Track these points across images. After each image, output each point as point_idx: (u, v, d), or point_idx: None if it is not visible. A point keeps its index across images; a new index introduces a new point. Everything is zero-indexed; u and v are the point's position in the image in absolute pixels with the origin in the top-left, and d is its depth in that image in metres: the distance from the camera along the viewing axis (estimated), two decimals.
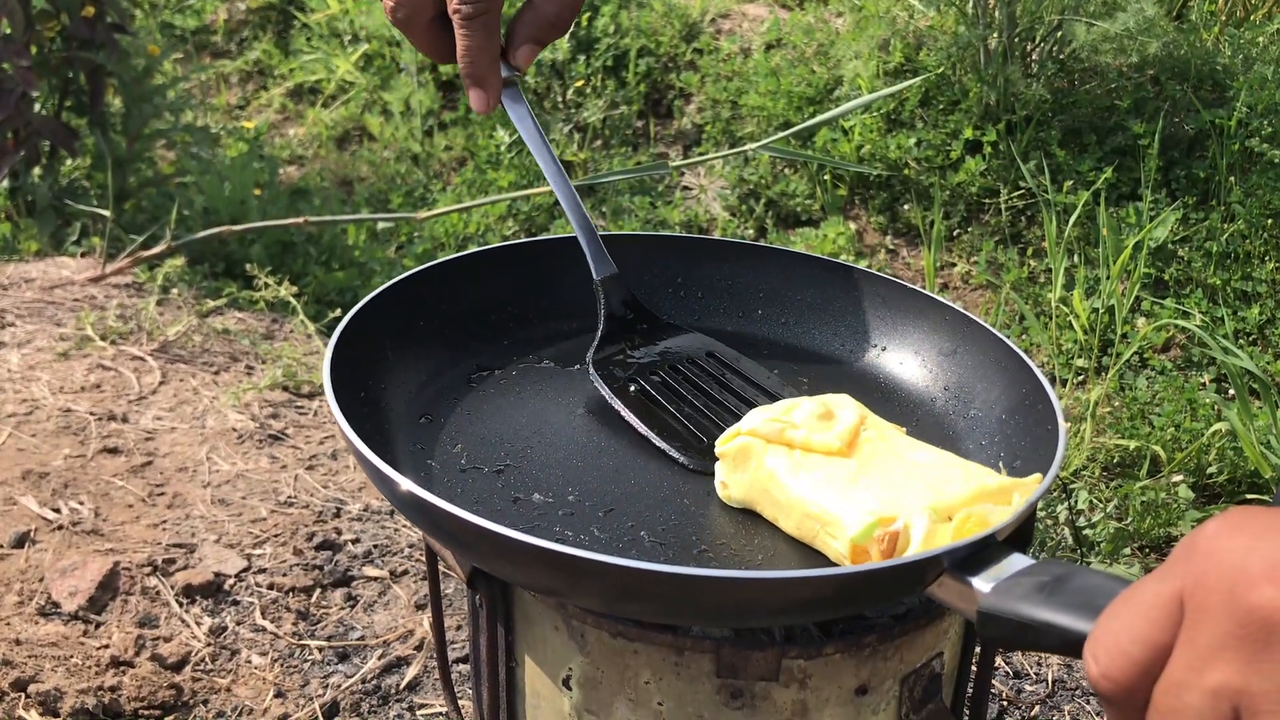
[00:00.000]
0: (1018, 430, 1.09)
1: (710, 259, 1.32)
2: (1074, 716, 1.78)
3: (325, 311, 3.15)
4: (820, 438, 1.01)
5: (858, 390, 1.19)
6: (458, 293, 1.21)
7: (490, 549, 0.88)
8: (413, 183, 4.41)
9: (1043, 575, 0.80)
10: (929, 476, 0.97)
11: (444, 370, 1.17)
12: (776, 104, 4.00)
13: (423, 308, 1.19)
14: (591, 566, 0.83)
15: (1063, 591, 0.76)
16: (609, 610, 0.92)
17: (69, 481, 2.16)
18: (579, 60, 4.50)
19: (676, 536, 0.98)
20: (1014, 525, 0.91)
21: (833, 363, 1.25)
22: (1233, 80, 3.58)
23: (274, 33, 5.39)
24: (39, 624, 1.84)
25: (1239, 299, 3.20)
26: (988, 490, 0.95)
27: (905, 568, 0.85)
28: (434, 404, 1.13)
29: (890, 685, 0.97)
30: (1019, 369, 1.11)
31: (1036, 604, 0.77)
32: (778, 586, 0.83)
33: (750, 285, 1.31)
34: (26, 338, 2.71)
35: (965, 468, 0.99)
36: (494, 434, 1.10)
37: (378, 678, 1.80)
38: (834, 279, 1.29)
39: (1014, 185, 3.62)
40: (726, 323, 1.30)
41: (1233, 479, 2.71)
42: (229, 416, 2.44)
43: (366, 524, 2.13)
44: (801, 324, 1.29)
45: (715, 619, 0.91)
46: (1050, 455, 1.00)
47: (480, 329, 1.23)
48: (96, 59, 3.49)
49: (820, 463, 1.00)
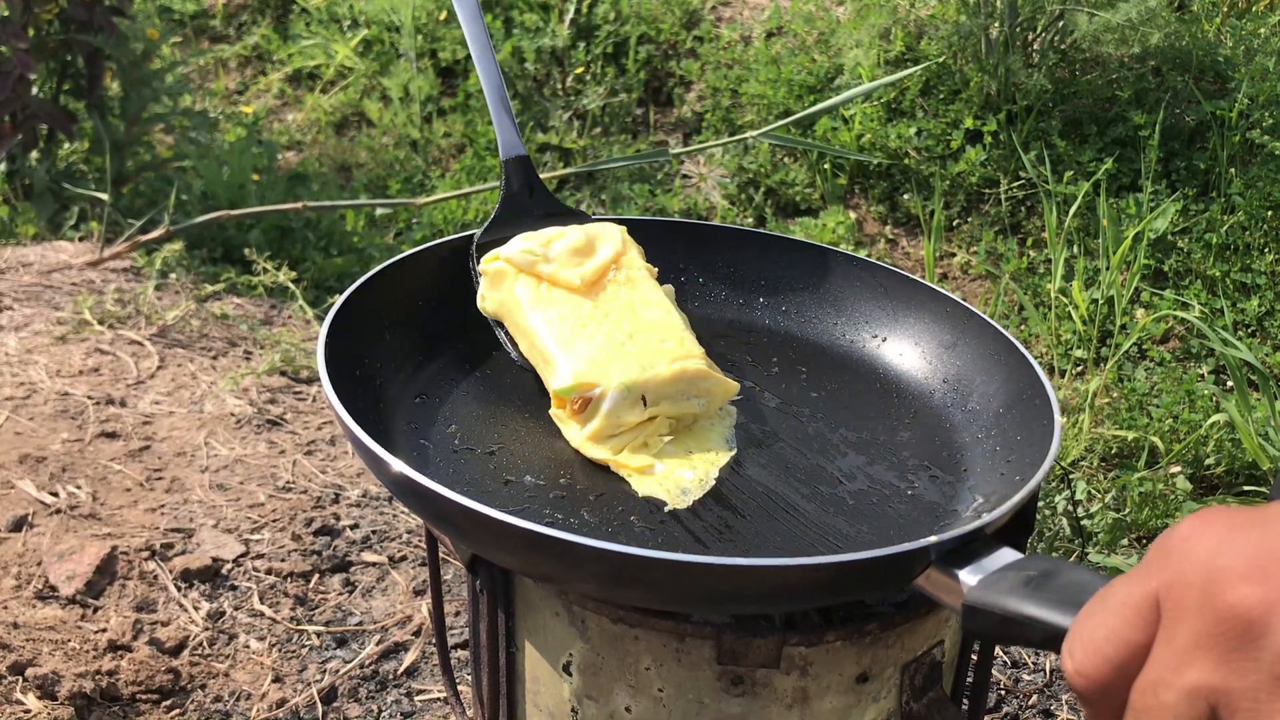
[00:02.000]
0: (1015, 424, 1.08)
1: (713, 245, 1.32)
2: (1071, 706, 1.78)
3: (324, 297, 3.14)
4: (566, 274, 1.08)
5: (856, 380, 1.19)
6: (456, 273, 1.21)
7: (476, 529, 0.88)
8: (411, 169, 4.40)
9: (1030, 570, 0.80)
10: (646, 343, 1.04)
11: (442, 350, 1.17)
12: (777, 92, 3.99)
13: (422, 288, 1.19)
14: (583, 552, 0.83)
15: (1048, 587, 0.77)
16: (601, 596, 0.92)
17: (67, 465, 2.16)
18: (579, 47, 4.48)
19: (664, 521, 0.98)
20: (1005, 518, 0.91)
21: (832, 352, 1.25)
22: (1234, 71, 3.58)
23: (273, 17, 5.37)
24: (36, 608, 1.84)
25: (1238, 290, 3.20)
26: (687, 374, 1.03)
27: (891, 559, 0.85)
28: (430, 384, 1.13)
29: (891, 673, 0.97)
30: (1018, 364, 1.11)
31: (1021, 598, 0.77)
32: (771, 573, 0.83)
33: (752, 272, 1.31)
34: (24, 321, 2.71)
35: (683, 343, 1.05)
36: (489, 415, 1.10)
37: (376, 663, 1.80)
38: (836, 267, 1.28)
39: (1014, 175, 3.62)
40: (726, 310, 1.29)
41: (1230, 470, 2.71)
42: (227, 401, 2.43)
43: (365, 510, 2.13)
44: (803, 313, 1.28)
45: (706, 605, 0.91)
46: (1045, 451, 0.99)
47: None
48: (94, 42, 3.47)
49: (560, 299, 1.07)
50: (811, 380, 1.18)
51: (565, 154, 4.35)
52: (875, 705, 0.98)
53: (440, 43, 4.70)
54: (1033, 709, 1.78)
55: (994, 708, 1.77)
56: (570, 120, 4.39)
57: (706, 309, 1.29)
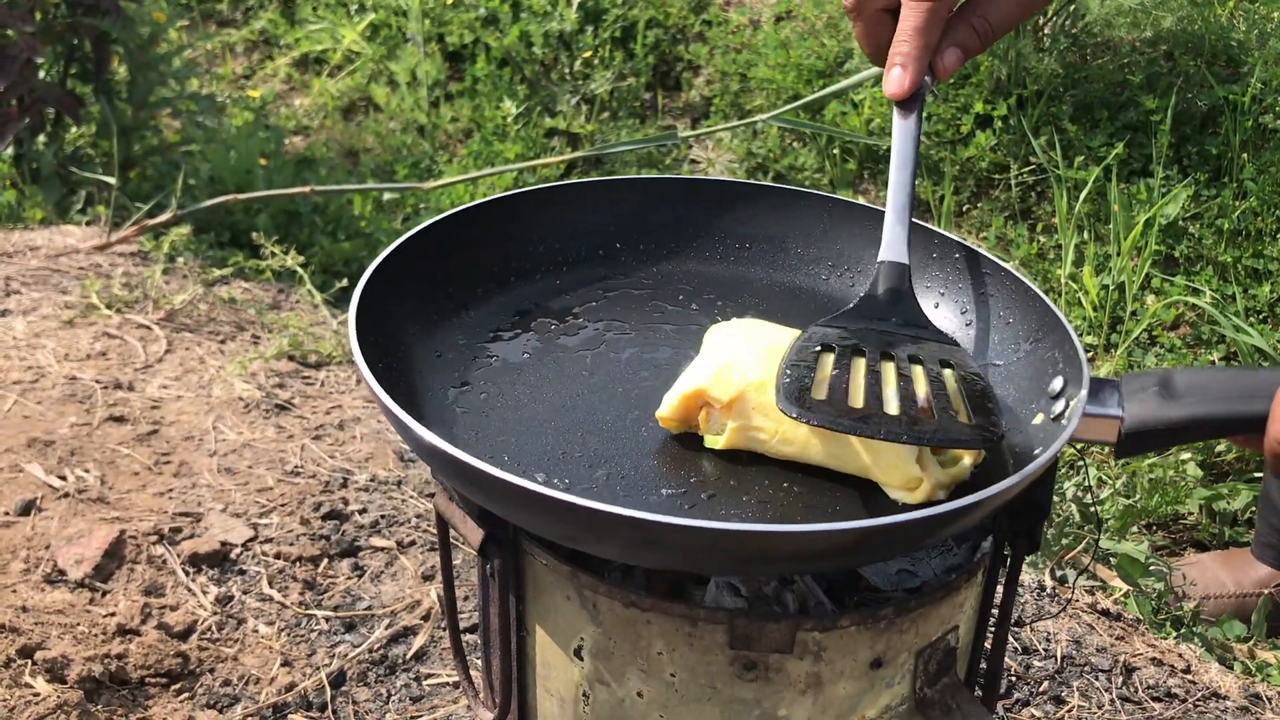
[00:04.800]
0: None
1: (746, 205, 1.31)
2: (1082, 692, 1.78)
3: (331, 281, 3.14)
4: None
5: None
6: (495, 232, 1.21)
7: (513, 501, 0.88)
8: (419, 154, 4.38)
9: (1143, 385, 0.99)
10: None
11: (478, 320, 1.17)
12: (786, 76, 3.97)
13: (459, 248, 1.19)
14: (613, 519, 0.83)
15: (1181, 390, 0.97)
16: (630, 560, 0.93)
17: (75, 449, 2.15)
18: (587, 31, 4.46)
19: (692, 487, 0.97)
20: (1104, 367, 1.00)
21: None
22: (1247, 56, 3.55)
23: (280, 1, 5.35)
24: (45, 591, 1.84)
25: (1250, 276, 3.18)
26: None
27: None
28: (461, 365, 1.12)
29: (905, 659, 0.96)
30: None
31: (1180, 407, 0.96)
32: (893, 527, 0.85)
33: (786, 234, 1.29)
34: (32, 305, 2.70)
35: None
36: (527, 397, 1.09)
37: (384, 647, 1.80)
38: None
39: (1024, 160, 3.60)
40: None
41: (1241, 457, 2.70)
42: (235, 386, 2.43)
43: (374, 494, 2.12)
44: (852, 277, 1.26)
45: (779, 567, 0.93)
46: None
47: (528, 266, 1.24)
48: (101, 25, 3.46)
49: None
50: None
51: (573, 139, 4.34)
52: (889, 691, 0.97)
53: (448, 26, 4.68)
54: (1044, 695, 1.77)
55: (1004, 694, 1.77)
56: (578, 105, 4.38)
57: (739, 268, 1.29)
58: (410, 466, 2.24)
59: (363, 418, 2.39)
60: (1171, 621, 2.09)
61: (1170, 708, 1.77)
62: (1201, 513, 2.56)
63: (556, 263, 1.26)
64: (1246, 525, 2.56)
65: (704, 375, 1.00)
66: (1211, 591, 2.23)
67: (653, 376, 1.10)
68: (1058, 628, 1.90)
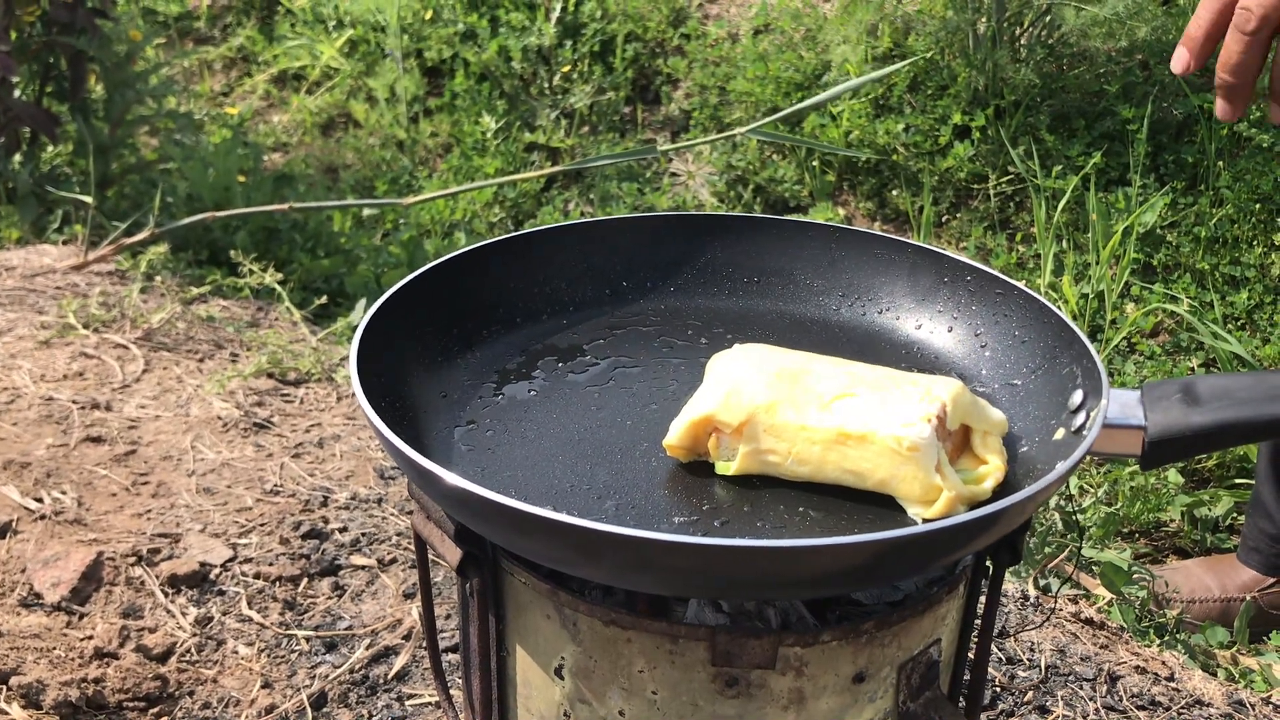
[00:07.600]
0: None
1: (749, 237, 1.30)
2: (1067, 701, 1.77)
3: (311, 299, 3.12)
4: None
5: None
6: (517, 271, 1.22)
7: (506, 521, 0.87)
8: (398, 169, 4.38)
9: (1165, 394, 0.97)
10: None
11: (487, 359, 1.17)
12: (764, 89, 3.98)
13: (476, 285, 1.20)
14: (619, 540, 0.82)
15: (1205, 396, 0.95)
16: (630, 586, 0.92)
17: (51, 471, 2.13)
18: (565, 46, 4.47)
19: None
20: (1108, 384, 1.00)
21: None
22: None
23: (258, 19, 5.34)
24: (21, 615, 1.81)
25: (1227, 284, 3.20)
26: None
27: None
28: (467, 405, 1.11)
29: (888, 673, 0.96)
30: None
31: (1204, 414, 0.94)
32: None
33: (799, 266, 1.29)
34: (8, 325, 2.68)
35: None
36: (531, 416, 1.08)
37: (366, 667, 1.78)
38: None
39: (1003, 170, 3.61)
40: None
41: (1221, 464, 2.71)
42: (213, 404, 2.41)
43: (354, 512, 2.11)
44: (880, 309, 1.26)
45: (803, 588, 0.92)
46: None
47: (535, 307, 1.24)
48: (77, 44, 3.44)
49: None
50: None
51: (553, 153, 4.34)
52: (872, 705, 0.97)
53: (426, 42, 4.68)
54: (1028, 705, 1.77)
55: (989, 705, 1.76)
56: (557, 119, 4.38)
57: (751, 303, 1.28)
58: (391, 484, 2.23)
59: (342, 435, 2.37)
60: (1155, 629, 2.09)
61: (1155, 716, 1.77)
62: (1183, 520, 2.56)
63: (563, 302, 1.25)
64: (1229, 531, 2.57)
65: (711, 401, 0.99)
66: (1197, 596, 2.24)
67: (662, 409, 1.09)
68: (1042, 637, 1.90)
